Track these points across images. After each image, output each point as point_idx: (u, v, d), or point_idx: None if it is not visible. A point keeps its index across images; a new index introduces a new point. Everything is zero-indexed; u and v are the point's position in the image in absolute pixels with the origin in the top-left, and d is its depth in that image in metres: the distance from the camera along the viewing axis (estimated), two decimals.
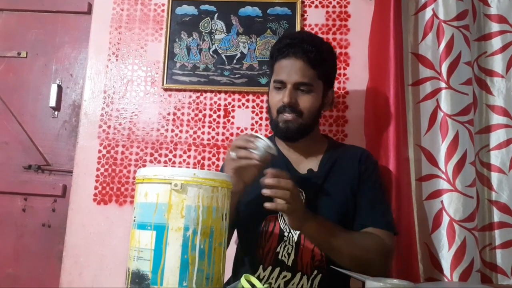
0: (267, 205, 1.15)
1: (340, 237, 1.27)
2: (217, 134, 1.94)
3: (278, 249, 1.35)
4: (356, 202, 1.40)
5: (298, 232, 1.35)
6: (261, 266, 1.36)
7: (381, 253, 1.33)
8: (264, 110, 1.94)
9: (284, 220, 1.36)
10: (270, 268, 1.35)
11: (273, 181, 1.15)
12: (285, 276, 1.33)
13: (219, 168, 1.78)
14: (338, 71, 1.93)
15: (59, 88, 2.14)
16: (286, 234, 1.36)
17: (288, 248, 1.35)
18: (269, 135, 1.81)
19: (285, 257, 1.34)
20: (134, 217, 0.95)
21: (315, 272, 1.33)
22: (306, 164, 1.45)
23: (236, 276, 1.45)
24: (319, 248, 1.32)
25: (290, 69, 1.39)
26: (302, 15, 1.99)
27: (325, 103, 1.48)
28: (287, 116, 1.38)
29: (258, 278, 1.33)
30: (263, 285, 0.92)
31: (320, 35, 1.96)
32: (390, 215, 1.45)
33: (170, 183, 0.89)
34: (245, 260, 1.42)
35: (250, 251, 1.40)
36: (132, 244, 0.92)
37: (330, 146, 1.52)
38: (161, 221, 0.88)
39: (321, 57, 1.41)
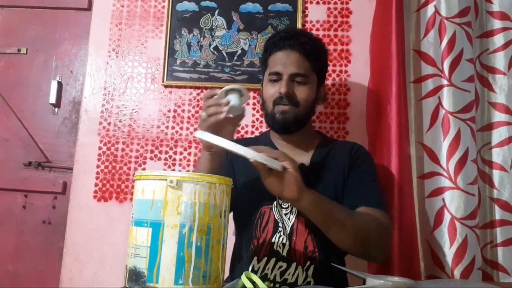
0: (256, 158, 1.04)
1: (342, 210, 1.22)
2: None
3: (273, 240, 1.35)
4: (345, 188, 1.38)
5: (291, 223, 1.35)
6: (255, 258, 1.35)
7: (380, 231, 1.27)
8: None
9: (279, 211, 1.36)
10: (265, 259, 1.34)
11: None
12: (280, 267, 1.33)
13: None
14: (339, 68, 1.93)
15: (59, 84, 2.14)
16: (280, 224, 1.36)
17: (283, 239, 1.34)
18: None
19: (279, 247, 1.34)
20: (132, 214, 0.94)
21: (308, 262, 1.33)
22: (299, 159, 1.43)
23: (233, 271, 1.45)
24: (320, 222, 1.19)
25: (285, 60, 1.40)
26: (303, 12, 1.98)
27: (318, 97, 1.49)
28: (284, 107, 1.38)
29: (253, 269, 1.34)
30: (260, 279, 0.91)
31: (321, 31, 1.96)
32: (381, 195, 1.40)
33: (166, 180, 0.88)
34: (241, 253, 1.42)
35: (246, 243, 1.40)
36: (130, 241, 0.92)
37: (322, 141, 1.52)
38: (157, 218, 0.88)
39: (315, 50, 1.44)
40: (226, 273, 1.35)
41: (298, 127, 1.43)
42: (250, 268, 1.34)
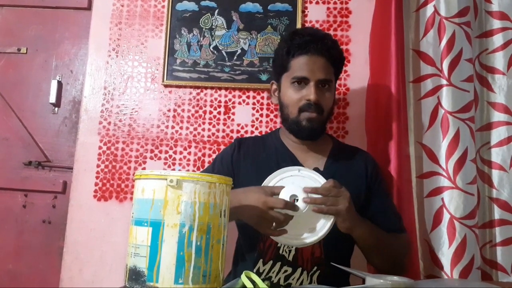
0: (315, 209, 1.17)
1: (384, 241, 1.33)
2: (218, 130, 1.94)
3: (279, 244, 1.35)
4: (366, 208, 1.41)
5: None
6: (261, 260, 1.36)
7: (407, 255, 1.45)
8: (265, 106, 1.93)
9: None
10: (271, 262, 1.35)
11: (312, 196, 1.18)
12: (286, 271, 1.34)
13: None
14: None
15: (59, 84, 2.14)
16: None
17: None
18: (269, 131, 1.81)
19: (286, 252, 1.35)
20: (132, 213, 0.94)
21: (315, 268, 1.34)
22: (312, 162, 1.45)
23: (236, 270, 1.46)
24: (364, 248, 1.33)
25: (312, 66, 1.38)
26: (303, 11, 1.98)
27: (335, 99, 1.50)
28: (311, 114, 1.38)
29: (258, 271, 1.34)
30: (263, 280, 0.92)
31: None
32: (401, 218, 1.49)
33: (166, 179, 0.89)
34: (246, 254, 1.43)
35: (251, 245, 1.39)
36: (130, 241, 0.92)
37: (335, 146, 1.53)
38: (157, 217, 0.88)
39: (340, 55, 1.46)
40: (226, 273, 1.36)
41: (322, 133, 1.47)
42: (255, 270, 1.35)
